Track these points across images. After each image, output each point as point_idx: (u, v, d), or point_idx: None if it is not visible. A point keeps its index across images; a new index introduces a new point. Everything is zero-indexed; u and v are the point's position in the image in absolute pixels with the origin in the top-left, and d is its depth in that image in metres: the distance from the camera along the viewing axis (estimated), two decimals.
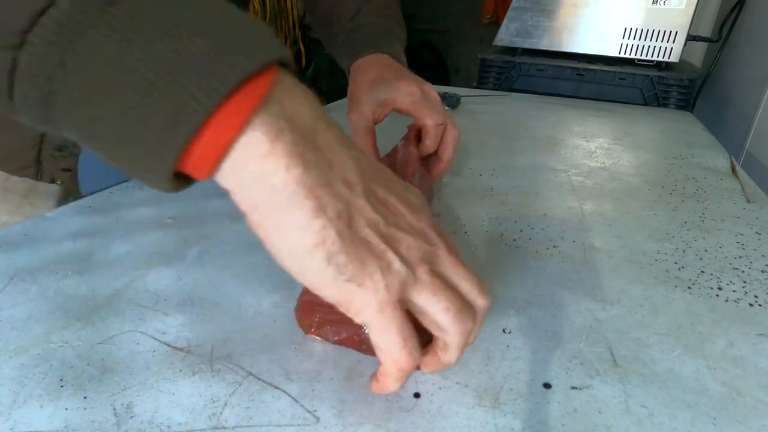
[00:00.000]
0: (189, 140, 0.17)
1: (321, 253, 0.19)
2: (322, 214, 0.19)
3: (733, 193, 0.55)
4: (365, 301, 0.21)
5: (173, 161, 0.18)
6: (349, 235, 0.20)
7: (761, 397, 0.27)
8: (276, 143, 0.18)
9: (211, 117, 0.17)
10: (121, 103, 0.17)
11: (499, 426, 0.24)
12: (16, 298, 0.33)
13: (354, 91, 0.49)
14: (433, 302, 0.22)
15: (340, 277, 0.20)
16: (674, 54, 1.02)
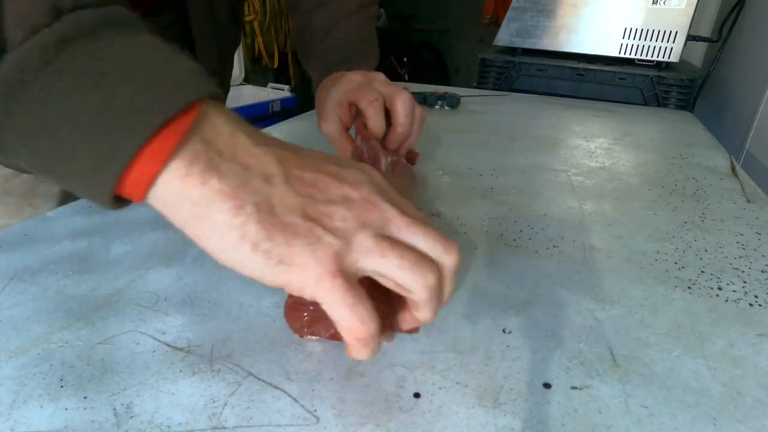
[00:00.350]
0: (119, 178, 0.20)
1: (246, 245, 0.21)
2: (241, 210, 0.21)
3: (733, 193, 0.55)
4: (301, 277, 0.22)
5: (110, 193, 0.21)
6: (271, 223, 0.22)
7: (761, 397, 0.27)
8: (192, 166, 0.21)
9: (136, 157, 0.20)
10: (60, 146, 0.20)
11: (499, 426, 0.24)
12: (16, 298, 0.33)
13: (318, 105, 0.51)
14: (385, 263, 0.23)
15: (270, 261, 0.22)
16: (674, 54, 1.02)
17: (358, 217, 0.23)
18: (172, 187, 0.21)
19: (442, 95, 0.91)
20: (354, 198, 0.24)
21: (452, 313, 0.33)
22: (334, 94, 0.48)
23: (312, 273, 0.22)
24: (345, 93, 0.47)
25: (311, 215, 0.22)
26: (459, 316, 0.32)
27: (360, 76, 0.48)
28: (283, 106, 2.33)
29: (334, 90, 0.48)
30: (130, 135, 0.20)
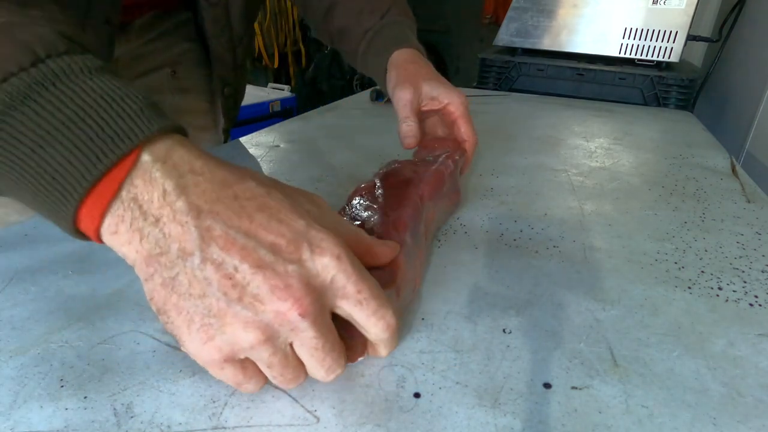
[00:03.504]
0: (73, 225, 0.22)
1: (153, 305, 0.23)
2: (150, 279, 0.22)
3: (733, 193, 0.55)
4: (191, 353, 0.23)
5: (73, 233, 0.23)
6: (172, 302, 0.22)
7: (761, 397, 0.27)
8: (119, 225, 0.22)
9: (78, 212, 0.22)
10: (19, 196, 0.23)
11: (499, 426, 0.24)
12: (16, 298, 0.33)
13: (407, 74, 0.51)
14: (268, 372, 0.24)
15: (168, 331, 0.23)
16: (674, 54, 1.02)
17: (264, 329, 0.22)
18: (106, 239, 0.22)
19: None
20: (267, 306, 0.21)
21: (452, 313, 0.33)
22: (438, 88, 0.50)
23: (199, 360, 0.23)
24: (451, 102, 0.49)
25: (213, 310, 0.21)
26: (459, 316, 0.32)
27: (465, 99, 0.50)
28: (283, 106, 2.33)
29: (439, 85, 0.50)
30: (65, 199, 0.21)
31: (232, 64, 0.66)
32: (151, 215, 0.22)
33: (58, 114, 0.21)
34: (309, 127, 0.78)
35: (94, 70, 0.23)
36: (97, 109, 0.21)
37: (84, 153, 0.21)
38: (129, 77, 0.65)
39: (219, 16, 0.60)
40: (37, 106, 0.21)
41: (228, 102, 0.70)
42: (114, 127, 0.21)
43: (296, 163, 0.62)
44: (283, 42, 3.37)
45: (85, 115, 0.21)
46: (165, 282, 0.22)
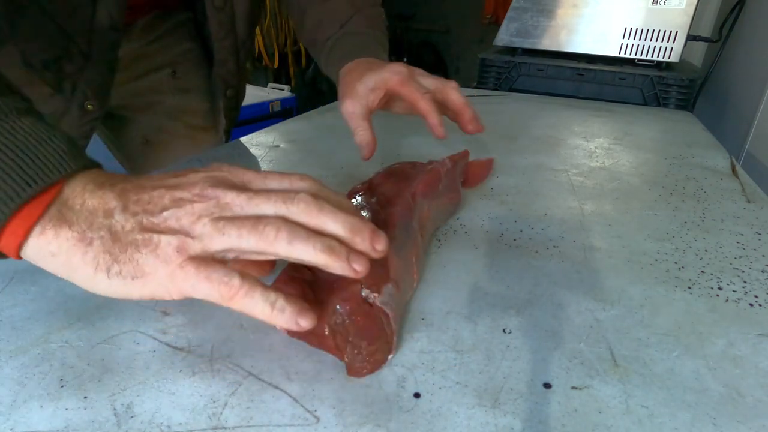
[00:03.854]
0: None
1: (101, 274, 0.24)
2: (90, 247, 0.24)
3: (733, 193, 0.55)
4: (157, 283, 0.24)
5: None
6: (117, 247, 0.24)
7: (761, 397, 0.27)
8: (46, 224, 0.24)
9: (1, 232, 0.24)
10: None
11: (499, 426, 0.24)
12: (16, 298, 0.33)
13: (346, 85, 0.50)
14: (227, 240, 0.24)
15: (126, 280, 0.24)
16: (674, 54, 1.02)
17: (191, 211, 0.25)
18: (31, 245, 0.24)
19: None
20: (185, 197, 0.25)
21: (452, 313, 0.33)
22: (370, 78, 0.47)
23: (163, 274, 0.24)
24: (386, 81, 0.47)
25: (147, 227, 0.25)
26: (459, 316, 0.32)
27: (405, 68, 0.47)
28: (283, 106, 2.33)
29: (371, 75, 0.47)
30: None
31: (235, 67, 0.66)
32: (76, 205, 0.25)
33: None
34: (309, 127, 0.78)
35: (23, 111, 0.26)
36: (28, 145, 0.24)
37: (14, 179, 0.23)
38: (130, 78, 0.65)
39: (224, 20, 0.61)
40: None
41: (229, 103, 0.70)
42: (44, 160, 0.24)
43: (296, 163, 0.62)
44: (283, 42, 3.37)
45: (16, 149, 0.24)
46: (104, 239, 0.24)
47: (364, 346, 0.27)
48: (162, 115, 0.70)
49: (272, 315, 0.25)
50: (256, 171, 0.28)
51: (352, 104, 0.48)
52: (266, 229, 0.24)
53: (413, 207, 0.38)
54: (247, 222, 0.25)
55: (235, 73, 0.67)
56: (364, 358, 0.27)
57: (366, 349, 0.27)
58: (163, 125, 0.70)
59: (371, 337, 0.27)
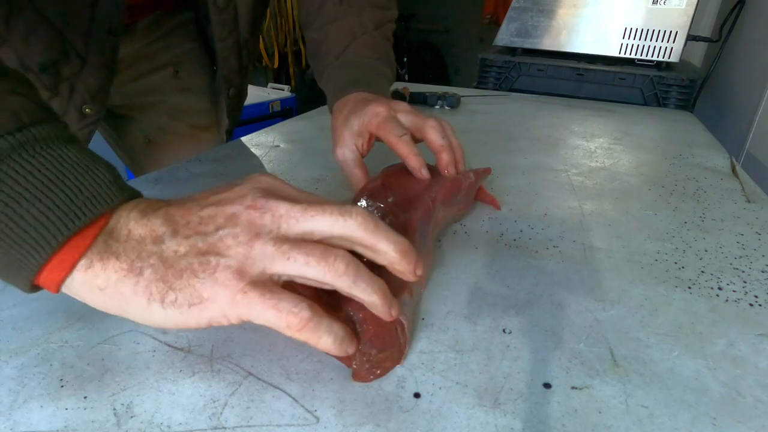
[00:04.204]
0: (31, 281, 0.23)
1: (154, 304, 0.23)
2: (141, 277, 0.23)
3: (733, 193, 0.55)
4: (216, 309, 0.23)
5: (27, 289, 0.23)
6: (170, 274, 0.23)
7: (761, 397, 0.27)
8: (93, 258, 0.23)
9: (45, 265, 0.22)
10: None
11: (499, 426, 0.24)
12: (16, 298, 0.33)
13: (335, 130, 0.49)
14: (291, 265, 0.23)
15: (182, 308, 0.23)
16: (674, 54, 1.02)
17: (248, 228, 0.23)
18: (77, 280, 0.23)
19: (442, 95, 0.91)
20: (237, 211, 0.24)
21: (452, 313, 0.33)
22: (354, 123, 0.46)
23: (223, 299, 0.23)
24: (366, 125, 0.45)
25: (203, 250, 0.23)
26: (459, 316, 0.32)
27: (384, 108, 0.45)
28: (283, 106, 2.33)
29: (354, 118, 0.46)
30: (36, 252, 0.22)
31: (237, 67, 0.66)
32: (122, 236, 0.24)
33: (38, 174, 0.22)
34: (309, 127, 0.78)
35: (68, 139, 0.25)
36: (75, 173, 0.23)
37: (63, 210, 0.22)
38: (131, 77, 0.65)
39: (227, 20, 0.60)
40: (18, 165, 0.22)
41: (232, 102, 0.70)
42: (91, 191, 0.23)
43: (296, 163, 0.62)
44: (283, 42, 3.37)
45: (64, 178, 0.23)
46: (155, 267, 0.23)
47: (373, 354, 0.26)
48: (164, 115, 0.70)
49: (333, 347, 0.24)
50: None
51: (341, 152, 0.47)
52: (336, 262, 0.24)
53: (432, 213, 0.37)
54: (315, 250, 0.24)
55: (238, 72, 0.67)
56: (373, 366, 0.27)
57: (375, 357, 0.26)
58: (165, 125, 0.70)
59: (382, 346, 0.27)
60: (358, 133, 0.46)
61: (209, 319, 0.23)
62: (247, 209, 0.24)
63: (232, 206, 0.24)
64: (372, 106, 0.45)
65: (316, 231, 0.24)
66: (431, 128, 0.44)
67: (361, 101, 0.48)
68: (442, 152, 0.43)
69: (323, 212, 0.24)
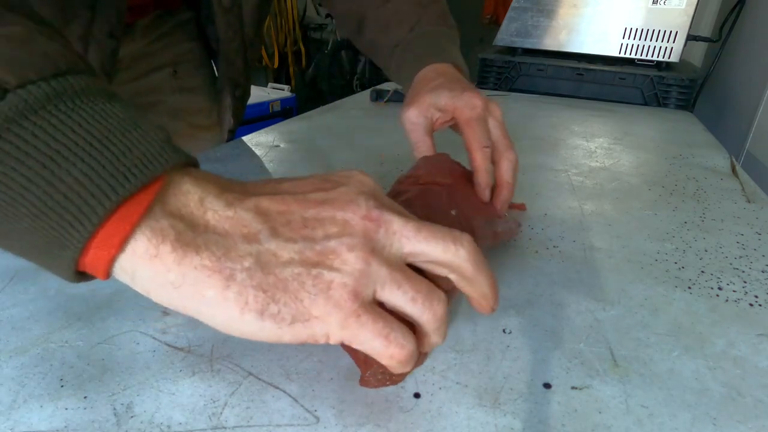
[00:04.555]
0: (75, 261, 0.19)
1: (250, 314, 0.20)
2: (232, 281, 0.20)
3: (734, 193, 0.55)
4: (323, 328, 0.20)
5: (72, 275, 0.20)
6: (271, 282, 0.20)
7: (761, 397, 0.27)
8: (161, 246, 0.19)
9: (88, 243, 0.19)
10: (15, 227, 0.19)
11: (499, 426, 0.24)
12: (16, 298, 0.33)
13: (416, 93, 0.45)
14: (399, 296, 0.22)
15: (283, 324, 0.20)
16: (674, 54, 1.02)
17: (365, 241, 0.21)
18: (142, 272, 0.19)
19: None
20: (353, 220, 0.22)
21: (452, 312, 0.33)
22: (443, 97, 0.42)
23: (334, 320, 0.20)
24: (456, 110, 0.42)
25: (312, 259, 0.21)
26: (459, 316, 0.32)
27: (481, 104, 0.42)
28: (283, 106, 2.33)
29: (445, 94, 0.43)
30: (79, 222, 0.18)
31: (243, 67, 0.66)
32: (200, 225, 0.20)
33: (77, 129, 0.19)
34: (309, 127, 0.78)
35: (110, 95, 0.21)
36: (121, 131, 0.20)
37: (109, 171, 0.19)
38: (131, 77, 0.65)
39: (232, 20, 0.60)
40: (54, 118, 0.19)
41: (237, 102, 0.70)
42: (141, 149, 0.20)
43: (296, 163, 0.62)
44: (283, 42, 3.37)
45: (110, 134, 0.19)
46: (251, 271, 0.20)
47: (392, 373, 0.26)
48: (164, 115, 0.70)
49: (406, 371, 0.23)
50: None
51: (416, 114, 0.43)
52: (437, 307, 0.22)
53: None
54: (422, 287, 0.22)
55: (243, 72, 0.67)
56: (386, 379, 0.26)
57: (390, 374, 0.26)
58: (164, 125, 0.70)
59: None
60: (441, 108, 0.43)
61: (309, 336, 0.21)
62: (362, 219, 0.22)
63: (344, 212, 0.22)
64: (470, 95, 0.42)
65: (424, 254, 0.23)
66: (509, 161, 0.42)
67: (456, 80, 0.45)
68: (503, 189, 0.42)
69: (435, 236, 0.23)
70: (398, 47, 0.54)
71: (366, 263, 0.21)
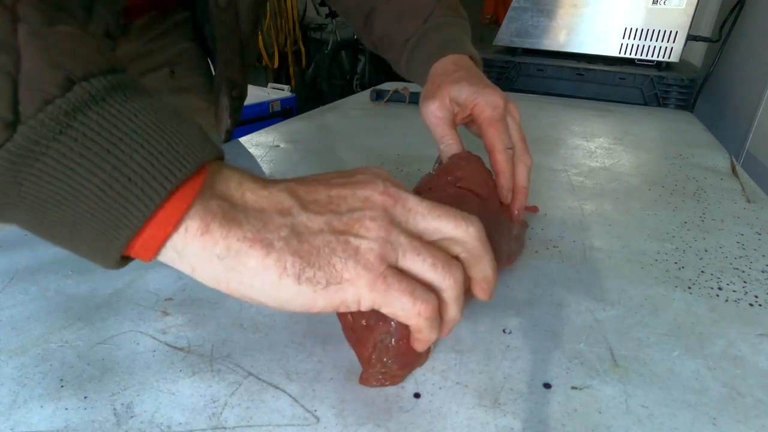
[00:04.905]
0: (130, 240, 0.20)
1: (287, 279, 0.21)
2: (270, 248, 0.21)
3: (733, 193, 0.55)
4: (354, 291, 0.22)
5: (118, 256, 0.21)
6: (306, 249, 0.22)
7: (761, 397, 0.27)
8: (210, 222, 0.21)
9: (147, 222, 0.20)
10: (71, 212, 0.20)
11: (499, 426, 0.24)
12: (16, 298, 0.33)
13: (436, 86, 0.44)
14: (419, 262, 0.23)
15: (318, 286, 0.22)
16: (674, 54, 1.02)
17: (384, 213, 0.23)
18: (192, 247, 0.21)
19: None
20: (373, 196, 0.24)
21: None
22: (464, 92, 0.42)
23: (363, 282, 0.22)
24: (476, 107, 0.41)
25: (340, 228, 0.23)
26: None
27: (501, 103, 0.41)
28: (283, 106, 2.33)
29: (467, 89, 0.42)
30: (142, 202, 0.20)
31: (240, 66, 0.66)
32: (240, 204, 0.22)
33: (135, 119, 0.21)
34: (309, 127, 0.78)
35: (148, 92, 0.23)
36: (171, 122, 0.21)
37: (167, 157, 0.20)
38: None
39: (228, 20, 0.60)
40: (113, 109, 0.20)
41: (234, 103, 0.70)
42: (189, 138, 0.22)
43: (296, 163, 0.62)
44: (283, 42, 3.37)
45: (162, 124, 0.21)
46: (288, 240, 0.22)
47: (393, 369, 0.26)
48: None
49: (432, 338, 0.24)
50: None
51: (440, 108, 0.42)
52: (456, 272, 0.24)
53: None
54: (440, 255, 0.24)
55: (241, 72, 0.67)
56: (385, 378, 0.26)
57: (392, 371, 0.26)
58: None
59: (405, 363, 0.26)
60: (461, 103, 0.42)
61: (342, 300, 0.22)
62: (381, 194, 0.24)
63: (364, 189, 0.24)
64: (491, 92, 0.42)
65: (437, 230, 0.24)
66: (525, 165, 0.42)
67: (475, 74, 0.45)
68: (520, 194, 0.42)
69: (447, 215, 0.24)
70: (411, 40, 0.53)
71: (387, 231, 0.23)
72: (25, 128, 0.19)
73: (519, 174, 0.41)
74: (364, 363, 0.26)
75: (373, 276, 0.22)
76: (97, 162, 0.20)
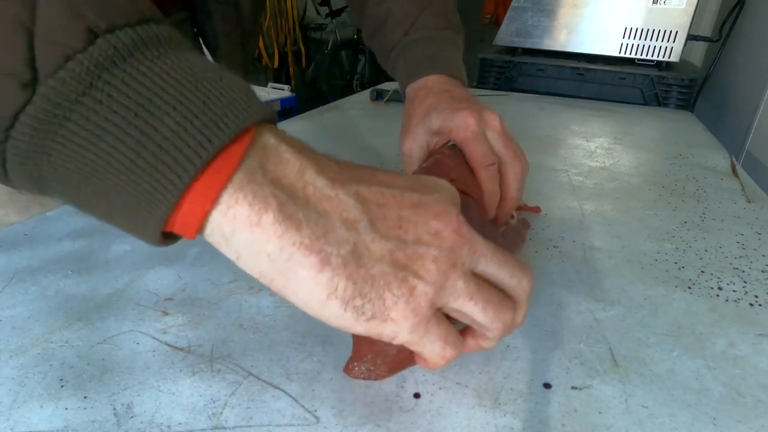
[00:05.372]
0: (167, 216, 0.18)
1: (335, 302, 0.20)
2: (327, 265, 0.19)
3: (734, 193, 0.55)
4: (394, 329, 0.21)
5: (157, 233, 0.19)
6: (361, 276, 0.20)
7: (761, 397, 0.27)
8: (263, 214, 0.19)
9: (183, 196, 0.18)
10: (102, 184, 0.18)
11: (499, 426, 0.24)
12: (16, 298, 0.33)
13: (408, 119, 0.44)
14: (471, 306, 0.22)
15: (362, 317, 0.20)
16: (674, 54, 1.02)
17: (449, 256, 0.22)
18: (241, 236, 0.19)
19: None
20: (444, 233, 0.22)
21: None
22: (435, 121, 0.41)
23: (408, 324, 0.21)
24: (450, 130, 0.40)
25: (401, 261, 0.21)
26: None
27: (474, 121, 0.39)
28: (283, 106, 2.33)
29: (437, 117, 0.41)
30: (175, 173, 0.18)
31: (242, 62, 0.66)
32: (300, 198, 0.20)
33: (167, 78, 0.18)
34: (309, 127, 0.78)
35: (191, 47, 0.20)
36: (209, 80, 0.19)
37: (202, 121, 0.18)
38: None
39: (229, 14, 0.60)
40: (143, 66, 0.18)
41: None
42: (230, 98, 0.19)
43: None
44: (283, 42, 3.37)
45: (198, 83, 0.19)
46: (346, 259, 0.20)
47: (382, 371, 0.26)
48: None
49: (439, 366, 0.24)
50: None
51: (410, 146, 0.42)
52: (506, 314, 0.23)
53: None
54: (493, 297, 0.23)
55: (242, 69, 0.67)
56: (370, 372, 0.26)
57: (380, 371, 0.26)
58: None
59: (395, 368, 0.26)
60: (435, 132, 0.41)
61: (379, 333, 0.21)
62: (453, 233, 0.22)
63: (437, 222, 0.22)
64: (462, 115, 0.40)
65: (493, 276, 0.24)
66: (514, 173, 0.40)
67: (446, 98, 0.43)
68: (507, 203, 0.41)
69: (508, 263, 0.24)
70: (393, 52, 0.52)
71: (446, 276, 0.22)
72: (46, 89, 0.17)
73: (508, 185, 0.40)
74: (357, 356, 0.26)
75: (418, 321, 0.21)
76: (123, 127, 0.17)
